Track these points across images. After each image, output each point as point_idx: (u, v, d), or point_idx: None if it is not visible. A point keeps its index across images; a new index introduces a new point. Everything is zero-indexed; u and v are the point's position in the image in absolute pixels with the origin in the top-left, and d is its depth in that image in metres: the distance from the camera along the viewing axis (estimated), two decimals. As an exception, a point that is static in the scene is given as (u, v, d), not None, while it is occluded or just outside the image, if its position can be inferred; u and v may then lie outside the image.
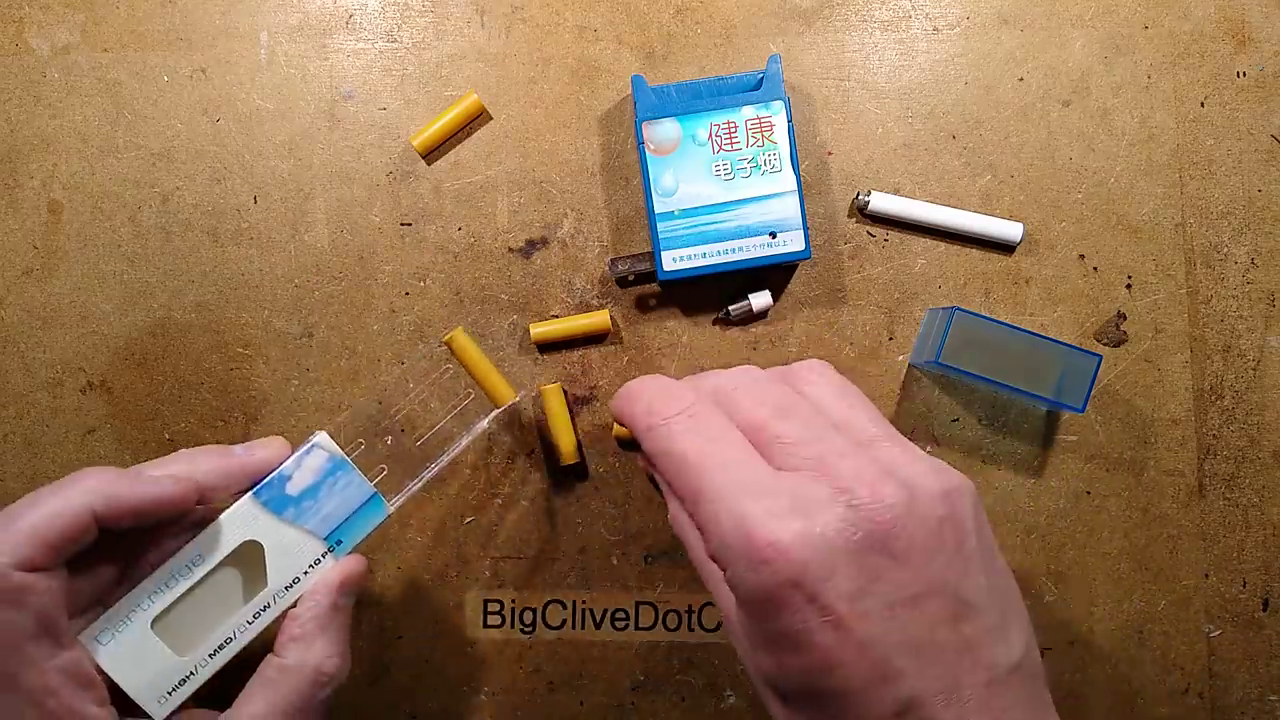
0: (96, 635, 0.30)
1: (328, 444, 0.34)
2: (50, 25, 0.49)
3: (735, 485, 0.27)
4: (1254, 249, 0.48)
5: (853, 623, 0.25)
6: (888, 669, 0.25)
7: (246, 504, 0.32)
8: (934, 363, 0.44)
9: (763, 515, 0.26)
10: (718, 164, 0.45)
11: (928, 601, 0.26)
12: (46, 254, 0.48)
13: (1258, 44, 0.48)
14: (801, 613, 0.25)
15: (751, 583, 0.26)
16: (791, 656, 0.26)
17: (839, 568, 0.25)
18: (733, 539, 0.26)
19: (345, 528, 0.34)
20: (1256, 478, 0.48)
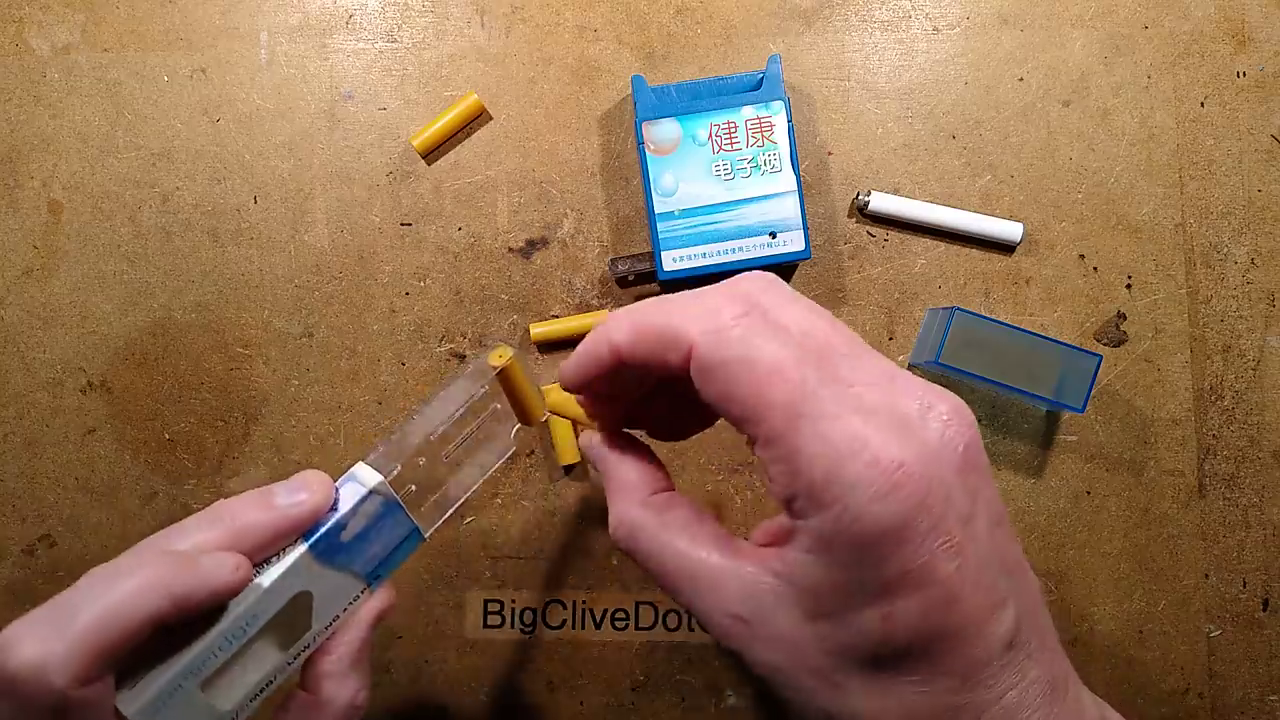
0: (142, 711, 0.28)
1: (386, 490, 0.32)
2: (50, 25, 0.49)
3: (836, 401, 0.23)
4: (1254, 249, 0.48)
5: (969, 546, 0.22)
6: (996, 594, 0.23)
7: (303, 560, 0.30)
8: (934, 363, 0.44)
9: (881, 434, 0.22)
10: (718, 164, 0.45)
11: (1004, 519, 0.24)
12: (46, 254, 0.48)
13: (1258, 44, 0.48)
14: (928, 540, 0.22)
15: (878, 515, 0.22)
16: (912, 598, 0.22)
17: (953, 487, 0.22)
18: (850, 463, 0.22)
19: (385, 563, 0.33)
20: (1256, 478, 0.48)
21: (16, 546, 0.48)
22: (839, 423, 0.22)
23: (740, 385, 0.23)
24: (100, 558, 0.47)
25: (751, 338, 0.24)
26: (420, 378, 0.48)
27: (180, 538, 0.28)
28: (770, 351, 0.23)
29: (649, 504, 0.27)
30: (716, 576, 0.25)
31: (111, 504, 0.48)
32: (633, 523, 0.27)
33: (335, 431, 0.48)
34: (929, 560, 0.22)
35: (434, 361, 0.48)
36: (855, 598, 0.23)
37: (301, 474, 0.31)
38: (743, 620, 0.24)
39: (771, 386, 0.23)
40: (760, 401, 0.23)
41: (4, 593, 0.48)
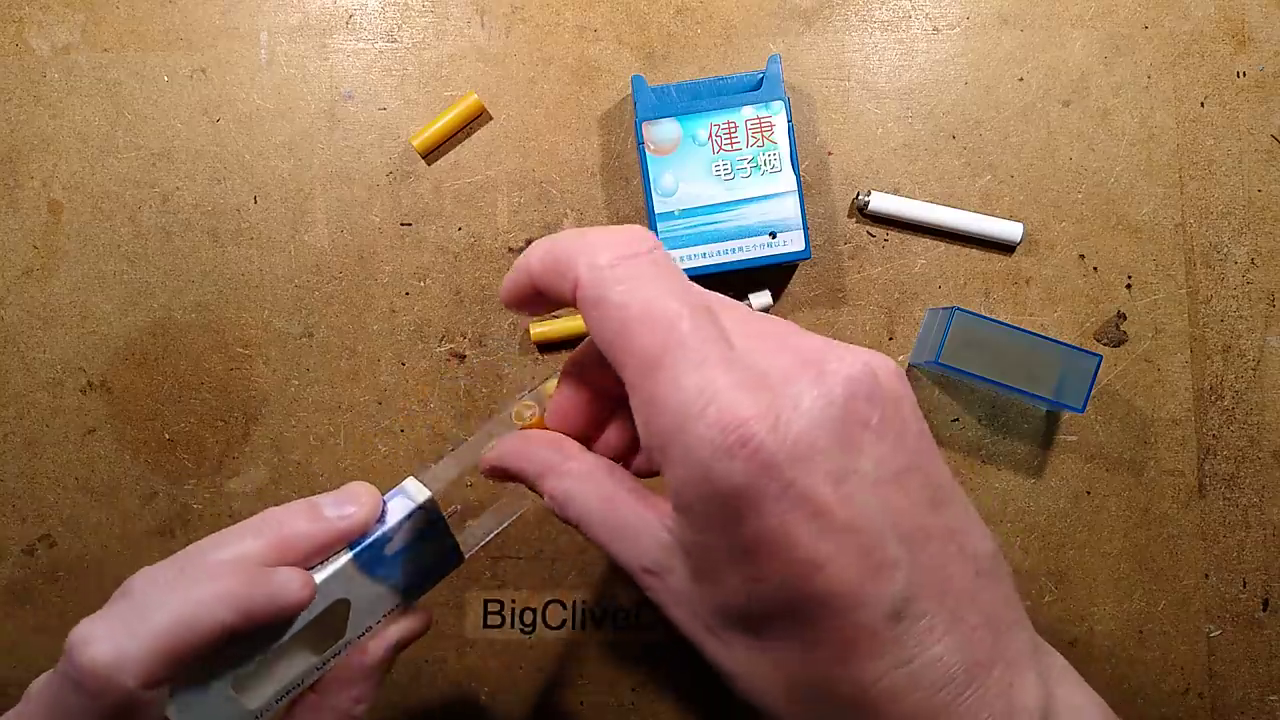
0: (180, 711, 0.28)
1: (433, 507, 0.32)
2: (50, 25, 0.49)
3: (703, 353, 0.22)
4: (1254, 249, 0.48)
5: (838, 507, 0.21)
6: (881, 557, 0.21)
7: (347, 568, 0.30)
8: (934, 363, 0.44)
9: (733, 390, 0.21)
10: (718, 164, 0.45)
11: (910, 479, 0.22)
12: (46, 254, 0.48)
13: (1258, 44, 0.48)
14: (780, 503, 0.21)
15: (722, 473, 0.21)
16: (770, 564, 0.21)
17: (819, 445, 0.21)
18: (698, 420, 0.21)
19: (424, 579, 0.32)
20: (1256, 478, 0.48)
21: (16, 546, 0.48)
22: (695, 375, 0.21)
23: (612, 325, 0.23)
24: (100, 558, 0.48)
25: (633, 278, 0.23)
26: (420, 378, 0.48)
27: (231, 546, 0.29)
28: (647, 294, 0.22)
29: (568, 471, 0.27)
30: (632, 532, 0.24)
31: (111, 504, 0.48)
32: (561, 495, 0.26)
33: (335, 431, 0.48)
34: (782, 523, 0.21)
35: (434, 361, 0.48)
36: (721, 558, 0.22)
37: (349, 486, 0.31)
38: (652, 573, 0.24)
39: (640, 329, 0.22)
40: (628, 344, 0.22)
41: (4, 593, 0.48)
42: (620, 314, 0.22)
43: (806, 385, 0.21)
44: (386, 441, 0.48)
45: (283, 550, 0.29)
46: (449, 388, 0.48)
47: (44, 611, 0.48)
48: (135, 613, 0.26)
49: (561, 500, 0.26)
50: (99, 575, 0.48)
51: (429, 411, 0.48)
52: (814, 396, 0.21)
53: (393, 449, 0.48)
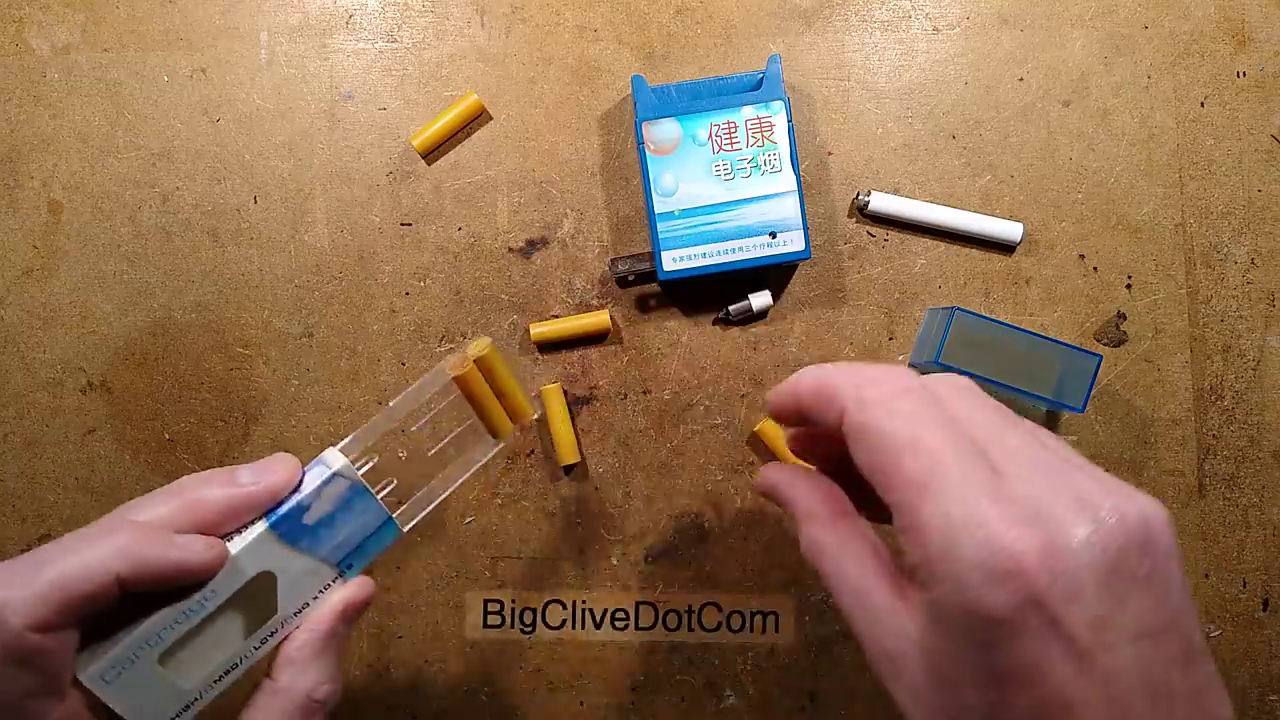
0: (102, 674, 0.28)
1: (349, 472, 0.32)
2: (50, 25, 0.49)
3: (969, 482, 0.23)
4: (1254, 249, 0.48)
5: (1097, 654, 0.21)
6: (1127, 712, 0.21)
7: (263, 537, 0.31)
8: (934, 363, 0.44)
9: (1003, 520, 0.22)
10: (718, 164, 0.45)
11: (1167, 637, 0.22)
12: (46, 254, 0.48)
13: (1258, 44, 0.48)
14: (1041, 639, 0.21)
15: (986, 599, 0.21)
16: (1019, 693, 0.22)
17: (1087, 589, 0.21)
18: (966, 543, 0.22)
19: (358, 552, 0.32)
20: (1256, 478, 0.48)
21: (16, 547, 0.48)
22: (965, 501, 0.22)
23: (878, 454, 0.24)
24: (100, 558, 0.48)
25: (899, 410, 0.25)
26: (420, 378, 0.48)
27: (142, 509, 0.29)
28: (913, 425, 0.24)
29: (833, 528, 0.28)
30: (877, 612, 0.25)
31: (111, 504, 0.48)
32: (819, 545, 0.28)
33: (335, 431, 0.48)
34: (1041, 659, 0.21)
35: (434, 361, 0.48)
36: (968, 676, 0.23)
37: (271, 456, 0.31)
38: (890, 659, 0.25)
39: (907, 458, 0.24)
40: (895, 471, 0.24)
41: (4, 593, 0.48)
42: (888, 443, 0.24)
43: (1081, 527, 0.22)
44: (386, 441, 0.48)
45: (194, 513, 0.30)
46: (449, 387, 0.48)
47: (44, 611, 0.48)
48: (31, 561, 0.27)
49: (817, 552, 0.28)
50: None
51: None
52: (1088, 540, 0.22)
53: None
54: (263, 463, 0.31)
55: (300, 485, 0.32)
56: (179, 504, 0.30)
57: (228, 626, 0.31)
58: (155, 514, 0.29)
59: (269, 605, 0.31)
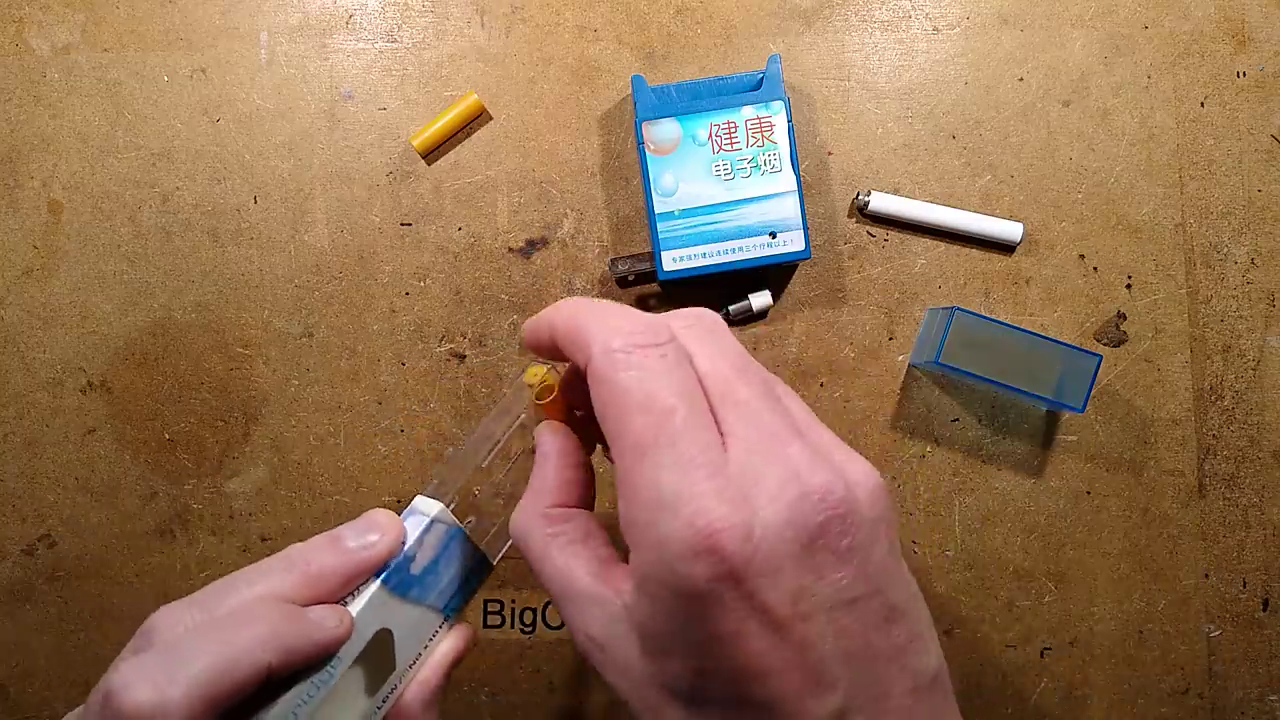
0: None
1: (446, 518, 0.32)
2: (50, 25, 0.49)
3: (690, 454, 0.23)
4: (1254, 249, 0.48)
5: (793, 625, 0.22)
6: (823, 677, 0.22)
7: (378, 595, 0.30)
8: (934, 363, 0.44)
9: (712, 497, 0.22)
10: (718, 164, 0.45)
11: (866, 604, 0.23)
12: (46, 254, 0.48)
13: (1258, 44, 0.48)
14: (737, 611, 0.22)
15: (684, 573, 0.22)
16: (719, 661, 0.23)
17: (784, 563, 0.22)
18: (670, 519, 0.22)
19: (458, 594, 0.32)
20: (1256, 478, 0.48)
21: (16, 546, 0.48)
22: (677, 473, 0.23)
23: (610, 407, 0.24)
24: (100, 558, 0.48)
25: (637, 366, 0.24)
26: (420, 378, 0.48)
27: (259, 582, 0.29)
28: (647, 384, 0.24)
29: (546, 514, 0.28)
30: (582, 598, 0.26)
31: (111, 504, 0.48)
32: (524, 528, 0.28)
33: (335, 431, 0.48)
34: (738, 631, 0.22)
35: (434, 361, 0.48)
36: (673, 644, 0.23)
37: (368, 514, 0.31)
38: (597, 643, 0.25)
39: (635, 417, 0.24)
40: (622, 428, 0.24)
41: (4, 593, 0.48)
42: (621, 399, 0.24)
43: (785, 507, 0.23)
44: (386, 441, 0.48)
45: (311, 585, 0.29)
46: (449, 388, 0.48)
47: (44, 611, 0.48)
48: (174, 656, 0.26)
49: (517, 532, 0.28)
50: (99, 575, 0.48)
51: (429, 411, 0.48)
52: (790, 519, 0.23)
53: (393, 449, 0.48)
54: (363, 522, 0.31)
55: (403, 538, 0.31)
56: (297, 578, 0.29)
57: (351, 690, 0.30)
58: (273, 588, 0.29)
59: (387, 661, 0.31)
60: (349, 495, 0.48)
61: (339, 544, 0.30)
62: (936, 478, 0.48)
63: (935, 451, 0.48)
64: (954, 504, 0.48)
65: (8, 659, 0.48)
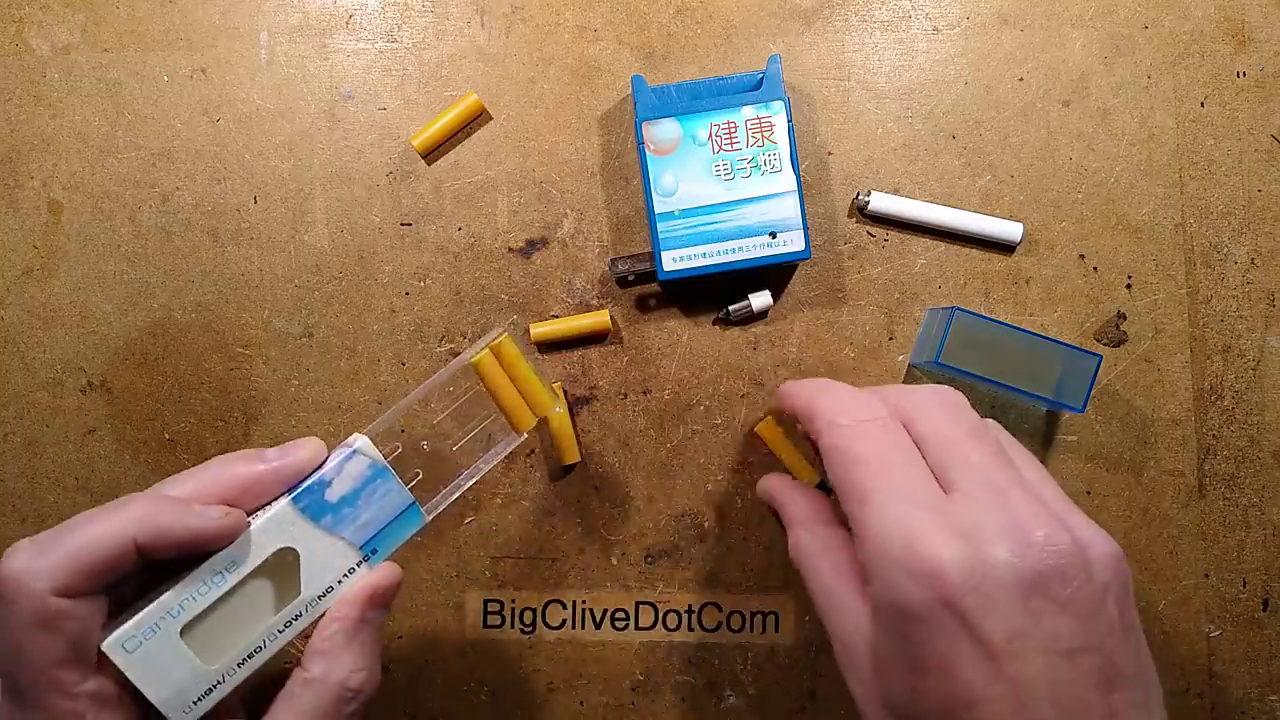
0: (123, 642, 0.28)
1: (369, 450, 0.32)
2: (50, 25, 0.49)
3: (909, 495, 0.26)
4: (1254, 249, 0.48)
5: (1006, 661, 0.24)
6: (1030, 714, 0.24)
7: (285, 510, 0.31)
8: (934, 363, 0.44)
9: (931, 529, 0.25)
10: (718, 164, 0.45)
11: (1084, 658, 0.24)
12: (46, 254, 0.48)
13: (1258, 44, 0.48)
14: (952, 636, 0.24)
15: (906, 595, 0.25)
16: (932, 682, 0.25)
17: (1002, 601, 0.24)
18: (895, 545, 0.25)
19: (381, 536, 0.32)
20: (1256, 478, 0.48)
21: (16, 546, 0.48)
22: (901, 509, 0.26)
23: (839, 469, 0.29)
24: (100, 558, 0.48)
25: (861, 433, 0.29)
26: (420, 378, 0.48)
27: (169, 485, 0.30)
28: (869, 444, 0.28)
29: (815, 532, 0.32)
30: (842, 606, 0.29)
31: (111, 504, 0.48)
32: (800, 547, 0.32)
33: (335, 431, 0.48)
34: (952, 655, 0.24)
35: (434, 361, 0.48)
36: (895, 664, 0.26)
37: (299, 438, 0.33)
38: (846, 649, 0.28)
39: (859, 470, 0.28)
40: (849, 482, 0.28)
41: (4, 593, 0.48)
42: (847, 459, 0.29)
43: (1006, 549, 0.25)
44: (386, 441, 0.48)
45: (218, 488, 0.30)
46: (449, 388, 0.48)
47: (44, 611, 0.48)
48: (54, 533, 0.28)
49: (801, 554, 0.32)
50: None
51: (429, 411, 0.48)
52: (1009, 560, 0.24)
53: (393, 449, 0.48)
54: (289, 443, 0.32)
55: (324, 464, 0.32)
56: (204, 479, 0.30)
57: (254, 606, 0.31)
58: (181, 489, 0.30)
59: (293, 585, 0.31)
60: (349, 495, 0.48)
61: (258, 455, 0.31)
62: (936, 478, 0.48)
63: (935, 451, 0.48)
64: (954, 504, 0.48)
65: (8, 659, 0.48)
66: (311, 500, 0.31)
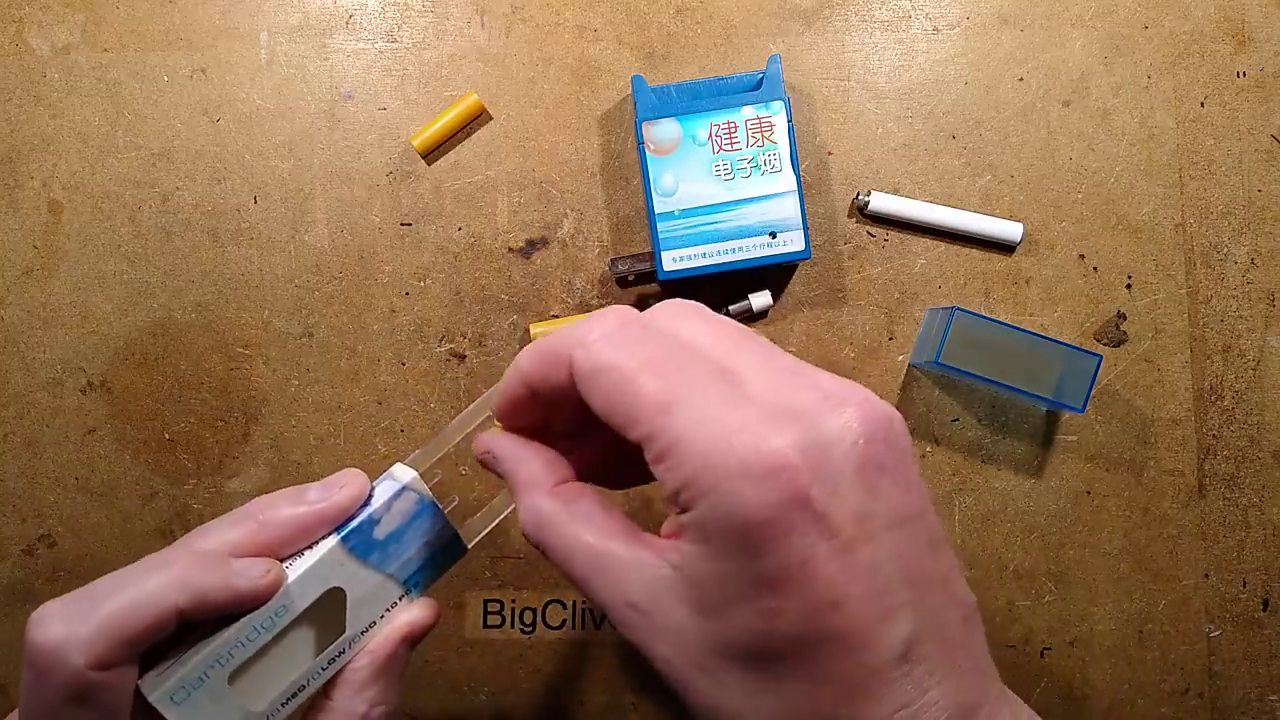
0: (171, 694, 0.28)
1: (418, 485, 0.31)
2: (50, 25, 0.49)
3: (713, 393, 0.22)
4: (1254, 249, 0.48)
5: (860, 545, 0.21)
6: (891, 600, 0.22)
7: (334, 551, 0.30)
8: (934, 363, 0.44)
9: (760, 421, 0.21)
10: (718, 164, 0.45)
11: (916, 525, 0.23)
12: (46, 254, 0.48)
13: (1258, 44, 0.48)
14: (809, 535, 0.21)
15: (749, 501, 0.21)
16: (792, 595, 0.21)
17: (843, 483, 0.21)
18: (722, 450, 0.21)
19: (424, 570, 0.32)
20: (1256, 478, 0.48)
21: (16, 547, 0.48)
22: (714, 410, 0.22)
23: (612, 390, 0.23)
24: (100, 558, 0.48)
25: (619, 345, 0.24)
26: (420, 378, 0.48)
27: (210, 535, 0.29)
28: (638, 353, 0.23)
29: (556, 494, 0.27)
30: (619, 567, 0.25)
31: (111, 504, 0.48)
32: (541, 515, 0.27)
33: (335, 431, 0.48)
34: (810, 557, 0.21)
35: (434, 361, 0.48)
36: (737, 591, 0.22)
37: (339, 472, 0.31)
38: (639, 610, 0.24)
39: (641, 384, 0.23)
40: (635, 400, 0.23)
41: (4, 593, 0.48)
42: (620, 374, 0.23)
43: (833, 419, 0.22)
44: (386, 441, 0.48)
45: (264, 532, 0.29)
46: (449, 388, 0.48)
47: (44, 611, 0.48)
48: (90, 596, 0.27)
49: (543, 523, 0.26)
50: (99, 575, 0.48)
51: (429, 411, 0.48)
52: (843, 433, 0.22)
53: (393, 449, 0.48)
54: (331, 479, 0.30)
55: (370, 500, 0.31)
56: (247, 527, 0.29)
57: (298, 646, 0.30)
58: (223, 539, 0.29)
59: (338, 623, 0.31)
60: (349, 495, 0.48)
61: (300, 495, 0.30)
62: (936, 478, 0.48)
63: (935, 451, 0.48)
64: (954, 504, 0.48)
65: (8, 659, 0.48)
66: (360, 540, 0.30)
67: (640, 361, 0.23)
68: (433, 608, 0.32)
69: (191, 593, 0.27)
